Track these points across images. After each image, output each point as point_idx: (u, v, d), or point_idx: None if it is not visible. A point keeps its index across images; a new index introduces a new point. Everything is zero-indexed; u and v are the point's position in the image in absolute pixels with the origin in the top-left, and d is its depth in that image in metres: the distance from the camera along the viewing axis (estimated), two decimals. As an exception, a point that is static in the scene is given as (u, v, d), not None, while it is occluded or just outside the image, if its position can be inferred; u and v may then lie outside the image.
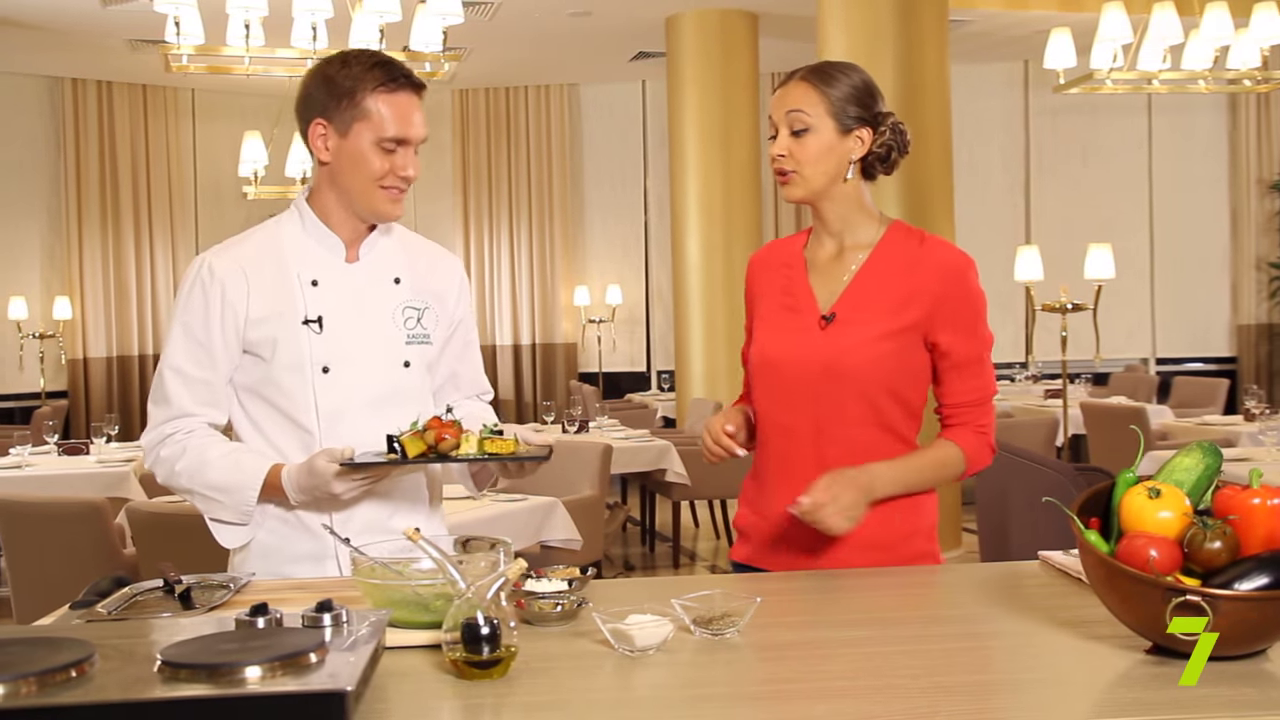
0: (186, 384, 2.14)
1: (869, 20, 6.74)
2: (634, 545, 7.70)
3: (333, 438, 2.10)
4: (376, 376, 2.14)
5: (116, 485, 5.73)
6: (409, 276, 2.21)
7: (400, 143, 2.08)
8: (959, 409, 2.15)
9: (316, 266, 2.15)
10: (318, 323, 2.12)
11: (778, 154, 2.11)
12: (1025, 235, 10.93)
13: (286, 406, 2.13)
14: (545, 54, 10.30)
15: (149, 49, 9.39)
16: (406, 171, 2.10)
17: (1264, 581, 1.39)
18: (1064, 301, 6.68)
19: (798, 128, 2.10)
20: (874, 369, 2.08)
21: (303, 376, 2.11)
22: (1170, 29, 6.96)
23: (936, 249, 2.13)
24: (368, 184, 2.09)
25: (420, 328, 2.20)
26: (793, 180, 2.12)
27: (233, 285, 2.12)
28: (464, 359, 2.33)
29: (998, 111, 11.10)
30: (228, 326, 2.12)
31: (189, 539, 3.95)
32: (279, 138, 9.41)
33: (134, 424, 10.45)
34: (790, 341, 2.13)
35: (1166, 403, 8.43)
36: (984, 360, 2.15)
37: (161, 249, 10.84)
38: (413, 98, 2.10)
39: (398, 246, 2.24)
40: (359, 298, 2.16)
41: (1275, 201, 10.86)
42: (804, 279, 2.17)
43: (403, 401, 2.15)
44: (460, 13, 6.20)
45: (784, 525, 2.10)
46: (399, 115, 2.07)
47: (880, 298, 2.10)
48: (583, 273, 11.48)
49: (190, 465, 2.12)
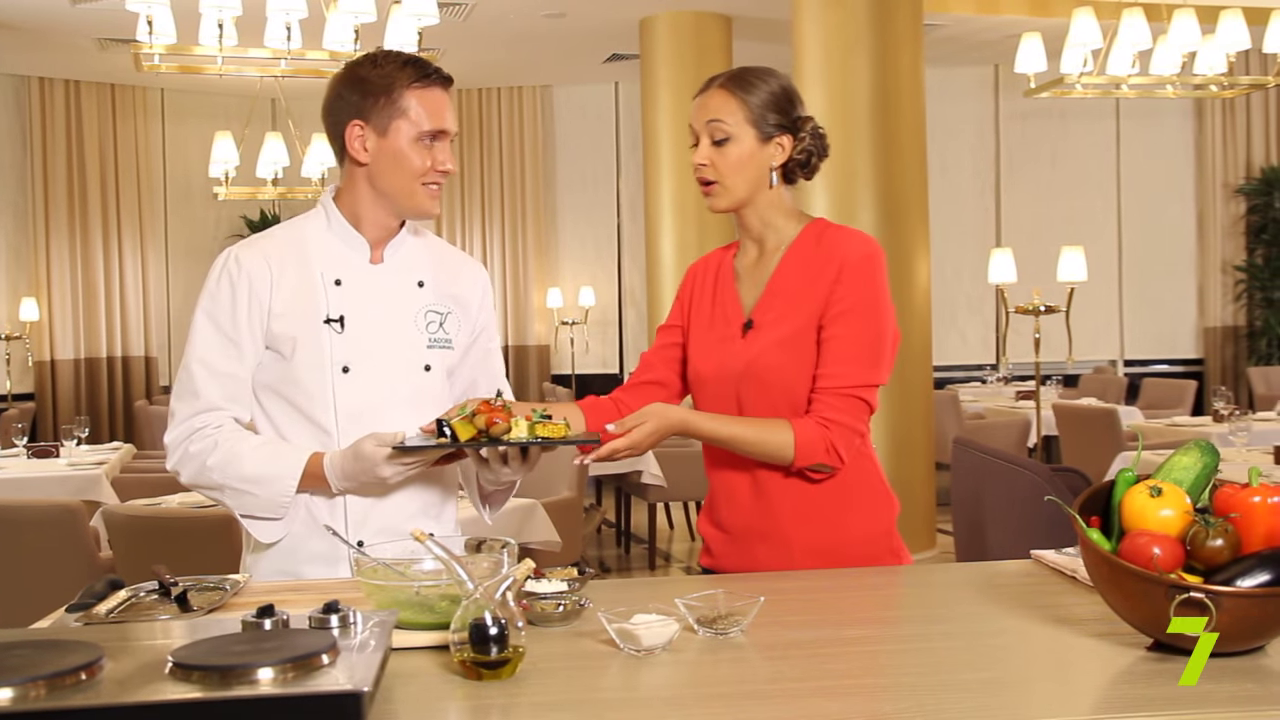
0: (215, 377, 2.11)
1: (844, 24, 6.77)
2: (609, 547, 7.69)
3: (350, 439, 2.08)
4: (397, 378, 2.14)
5: (88, 488, 5.67)
6: (433, 280, 2.21)
7: (437, 136, 2.10)
8: (817, 394, 2.05)
9: (340, 266, 2.15)
10: (339, 322, 2.11)
11: (699, 163, 2.11)
12: (996, 238, 11.02)
13: (305, 405, 2.11)
14: (519, 55, 10.29)
15: (118, 48, 9.31)
16: (445, 165, 2.11)
17: (1266, 578, 1.41)
18: (1037, 304, 6.74)
19: (718, 137, 2.10)
20: (788, 369, 2.07)
21: (322, 375, 2.10)
22: (1139, 34, 7.04)
23: (838, 237, 2.11)
24: (410, 181, 2.10)
25: (443, 332, 2.19)
26: (715, 191, 2.12)
27: (259, 278, 2.11)
28: (484, 366, 2.31)
29: (969, 115, 11.19)
30: (254, 320, 2.11)
31: (167, 542, 3.92)
32: (250, 138, 9.35)
33: (103, 427, 10.36)
34: (715, 352, 2.15)
35: (1135, 404, 8.52)
36: (854, 349, 2.04)
37: (130, 250, 10.74)
38: (445, 92, 2.13)
39: (423, 250, 2.24)
40: (382, 299, 2.15)
41: (1240, 205, 11.00)
42: (732, 287, 2.19)
43: (422, 405, 2.14)
44: (435, 13, 6.18)
45: (736, 534, 2.14)
46: (435, 109, 2.10)
47: (789, 298, 2.10)
48: (555, 274, 11.48)
49: (223, 459, 2.08)
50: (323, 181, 9.15)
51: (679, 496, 7.00)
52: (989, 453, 4.61)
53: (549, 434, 1.94)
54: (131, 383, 10.76)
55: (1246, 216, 10.98)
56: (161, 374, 11.03)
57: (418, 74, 2.09)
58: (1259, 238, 10.92)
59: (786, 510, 2.09)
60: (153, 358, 10.90)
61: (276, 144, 8.94)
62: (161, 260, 11.06)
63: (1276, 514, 1.45)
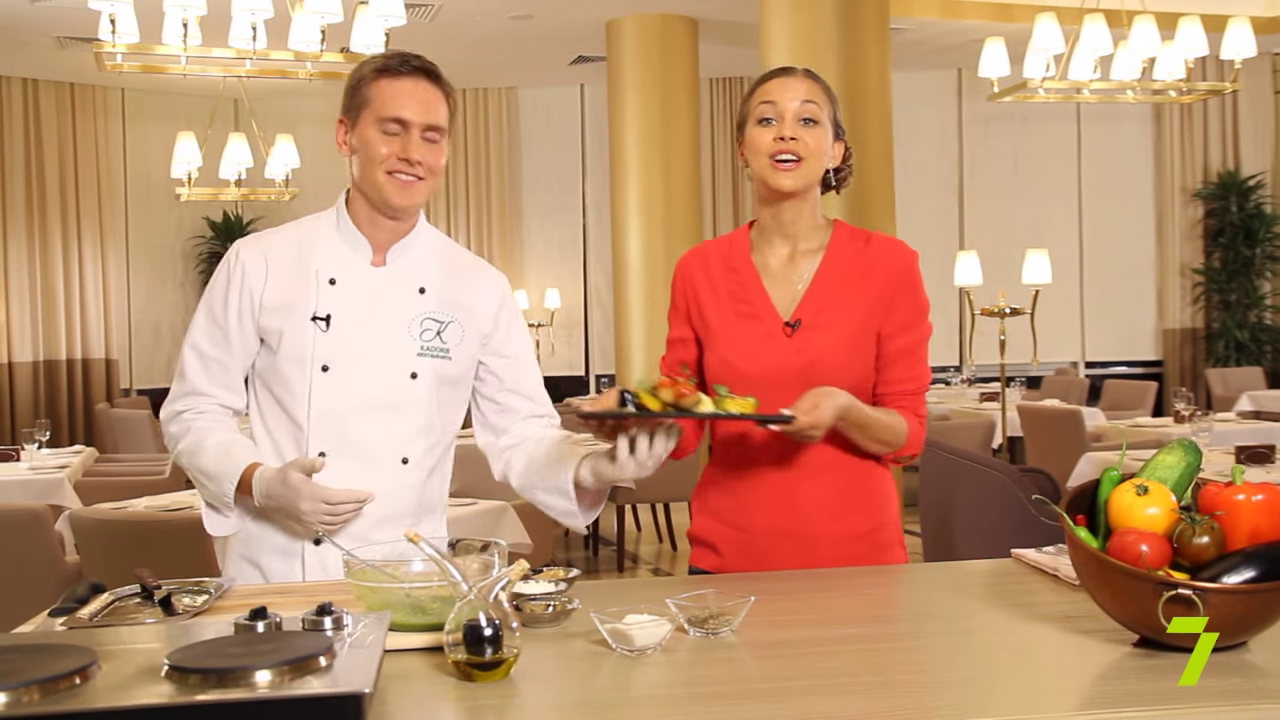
0: (203, 362, 2.18)
1: (811, 27, 6.81)
2: (577, 549, 7.68)
3: (322, 437, 2.11)
4: (378, 383, 2.12)
5: (50, 492, 5.59)
6: (437, 288, 2.19)
7: (400, 123, 2.08)
8: (898, 396, 2.16)
9: (339, 265, 2.16)
10: (325, 320, 2.12)
11: (789, 137, 2.08)
12: (959, 240, 11.11)
13: (285, 399, 2.14)
14: (484, 57, 10.26)
15: (78, 47, 9.19)
16: (409, 154, 2.08)
17: (1251, 575, 1.43)
18: (1002, 306, 6.80)
19: (808, 116, 2.10)
20: (851, 370, 2.10)
21: (302, 371, 2.11)
22: (1100, 40, 7.13)
23: (884, 246, 2.17)
24: (374, 170, 2.10)
25: (439, 341, 2.16)
26: (798, 168, 2.10)
27: (253, 270, 2.15)
28: (512, 377, 2.27)
29: (932, 119, 11.28)
30: (244, 310, 2.15)
31: (136, 545, 3.87)
32: (212, 139, 9.27)
33: (63, 430, 10.22)
34: (756, 350, 2.12)
35: (1097, 405, 8.62)
36: (923, 351, 2.18)
37: (90, 251, 10.61)
38: (418, 82, 2.10)
39: (434, 257, 2.23)
40: (375, 303, 2.15)
41: (1198, 209, 11.16)
42: (758, 284, 2.17)
43: (403, 414, 2.14)
44: (402, 14, 6.16)
45: (758, 534, 2.12)
46: (398, 96, 2.08)
47: (842, 301, 2.12)
48: (521, 276, 11.45)
49: (189, 446, 2.16)
50: (286, 183, 9.09)
51: (647, 499, 7.00)
52: (957, 454, 4.65)
53: (739, 408, 1.91)
54: (92, 385, 10.63)
55: (1204, 220, 11.14)
56: (122, 377, 10.90)
57: (385, 64, 2.11)
58: (1216, 241, 11.08)
59: (821, 505, 2.11)
60: (113, 360, 10.77)
61: (240, 145, 8.86)
62: (122, 262, 10.93)
63: (1260, 511, 1.48)
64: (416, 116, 2.09)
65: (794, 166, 2.10)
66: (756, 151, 2.12)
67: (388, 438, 2.13)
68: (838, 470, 2.13)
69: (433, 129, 2.11)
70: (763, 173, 2.12)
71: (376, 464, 2.12)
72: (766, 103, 2.12)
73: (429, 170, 2.12)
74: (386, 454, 2.14)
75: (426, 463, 2.18)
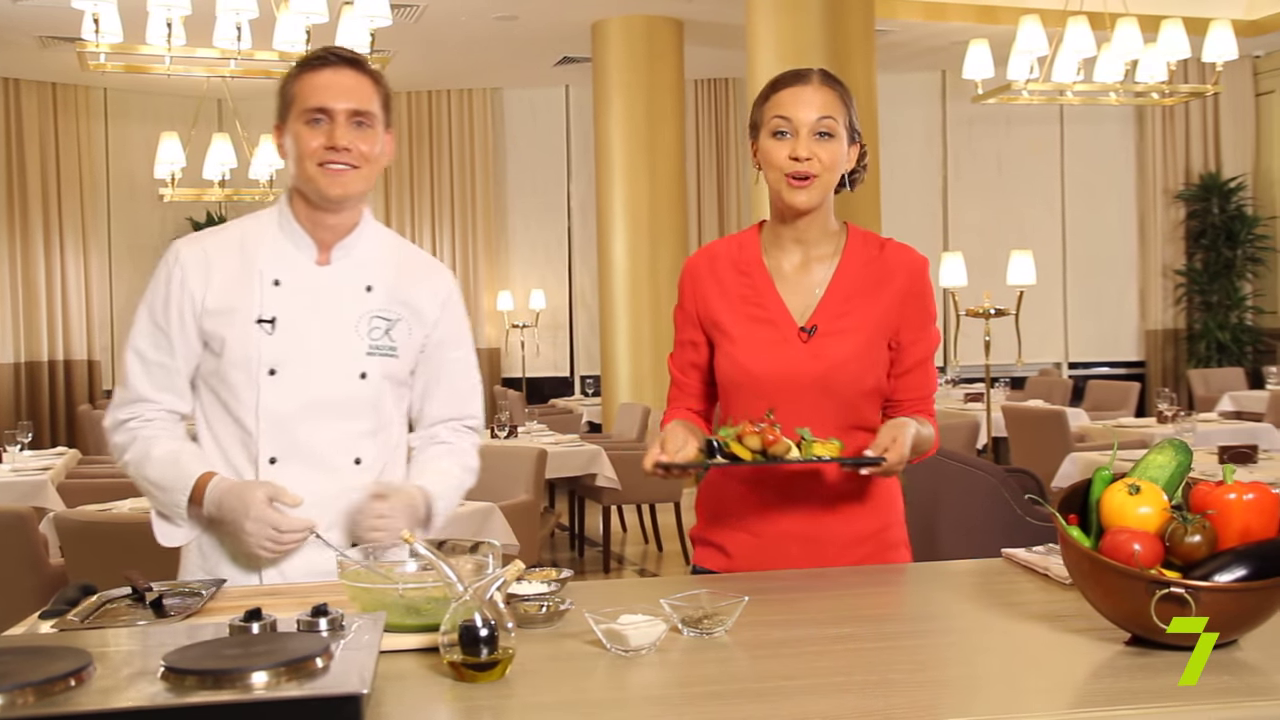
0: (145, 367, 2.13)
1: (797, 29, 6.83)
2: (562, 550, 7.68)
3: (271, 441, 2.08)
4: (326, 384, 2.10)
5: (33, 495, 5.56)
6: (385, 285, 2.16)
7: (324, 113, 2.05)
8: (913, 403, 2.20)
9: (283, 266, 2.12)
10: (271, 323, 2.08)
11: (805, 156, 2.07)
12: (943, 241, 11.15)
13: (231, 404, 2.11)
14: (469, 58, 10.25)
15: (60, 46, 9.15)
16: (335, 141, 2.04)
17: (1242, 573, 1.44)
18: (987, 307, 6.83)
19: (823, 131, 2.09)
20: (866, 377, 2.12)
21: (248, 375, 2.08)
22: (1084, 42, 7.17)
23: (898, 253, 2.19)
24: (306, 164, 2.06)
25: (388, 339, 2.13)
26: (813, 185, 2.09)
27: (194, 272, 2.11)
28: (440, 379, 2.24)
29: (916, 120, 11.31)
30: (185, 313, 2.11)
31: (121, 547, 3.85)
32: (196, 139, 9.23)
33: (45, 431, 10.16)
34: (772, 355, 2.11)
35: (1081, 405, 8.66)
36: (934, 358, 2.23)
37: (72, 252, 10.56)
38: (338, 71, 2.07)
39: (381, 254, 2.19)
40: (321, 302, 2.11)
41: (1180, 211, 11.23)
42: (771, 288, 2.16)
43: (353, 412, 2.11)
44: (388, 15, 6.14)
45: (769, 537, 2.12)
46: (315, 88, 2.06)
47: (858, 308, 2.13)
48: (506, 277, 11.44)
49: (136, 457, 2.12)
50: (270, 183, 9.06)
51: (633, 499, 7.00)
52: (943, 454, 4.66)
53: (825, 452, 1.93)
54: (74, 387, 10.57)
55: (1186, 222, 11.20)
56: (104, 378, 10.84)
57: (309, 60, 2.09)
58: (1198, 243, 11.15)
59: (830, 507, 2.12)
60: (95, 361, 10.72)
61: (224, 145, 8.83)
62: (104, 262, 10.88)
63: (1251, 511, 1.49)
64: (339, 103, 2.05)
65: (808, 184, 2.09)
66: (771, 165, 2.11)
67: (339, 439, 2.11)
68: (849, 475, 2.13)
69: (359, 114, 2.07)
70: (777, 187, 2.12)
71: (329, 466, 2.10)
72: (781, 117, 2.09)
73: (361, 157, 2.07)
74: (339, 456, 2.11)
75: (378, 463, 2.16)
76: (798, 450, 1.93)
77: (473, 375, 2.31)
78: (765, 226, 2.23)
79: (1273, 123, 11.10)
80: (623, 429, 8.22)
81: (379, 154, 2.11)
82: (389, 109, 2.14)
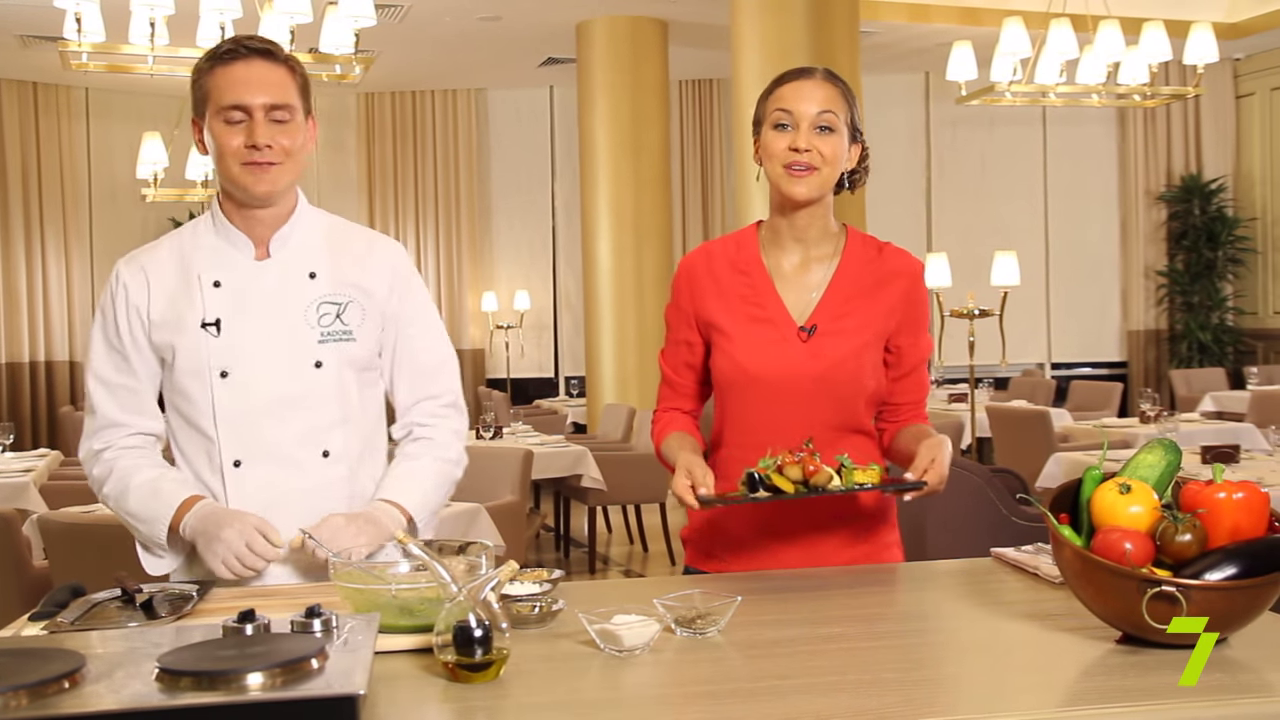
0: (110, 391, 2.12)
1: (782, 30, 6.84)
2: (547, 551, 7.67)
3: (233, 443, 2.06)
4: (280, 379, 2.06)
5: (15, 496, 5.52)
6: (329, 269, 2.11)
7: (241, 110, 2.01)
8: (906, 406, 2.22)
9: (221, 267, 2.09)
10: (215, 325, 2.06)
11: (804, 147, 2.07)
12: (927, 242, 11.19)
13: (189, 412, 2.09)
14: (453, 58, 10.24)
15: (42, 45, 9.09)
16: (255, 139, 1.99)
17: (1232, 571, 1.46)
18: (972, 308, 6.86)
19: (824, 124, 2.09)
20: (863, 377, 2.13)
21: (201, 381, 2.06)
22: (1066, 45, 7.21)
23: (896, 257, 2.20)
24: (230, 163, 2.03)
25: (340, 324, 2.09)
26: (813, 177, 2.09)
27: (135, 289, 2.10)
28: (400, 361, 2.18)
29: (900, 121, 11.35)
30: (135, 330, 2.09)
31: (106, 549, 3.83)
32: (179, 139, 9.19)
33: (26, 433, 10.10)
34: (772, 354, 2.11)
35: (1064, 406, 8.69)
36: (927, 362, 2.25)
37: (54, 252, 10.50)
38: (251, 65, 2.01)
39: (320, 239, 2.14)
40: (265, 297, 2.08)
41: (1161, 212, 11.29)
42: (770, 288, 2.16)
43: (314, 404, 2.08)
44: (373, 15, 6.12)
45: (771, 538, 2.13)
46: (233, 83, 2.01)
47: (858, 309, 2.14)
48: (490, 278, 11.43)
49: (114, 490, 2.10)
50: (254, 183, 9.02)
51: (618, 500, 7.00)
52: (929, 454, 4.67)
53: (866, 478, 1.93)
54: (55, 388, 10.51)
55: (1167, 223, 11.27)
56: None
57: (219, 52, 2.04)
58: (1179, 244, 11.21)
59: (826, 507, 2.12)
60: (77, 362, 10.65)
61: (207, 145, 8.79)
62: (86, 262, 10.82)
63: (1241, 509, 1.50)
64: (256, 99, 2.00)
65: (808, 174, 2.09)
66: (771, 156, 2.11)
67: (303, 433, 2.07)
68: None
69: (278, 108, 2.02)
70: (777, 178, 2.12)
71: (296, 462, 2.07)
72: (782, 109, 2.10)
73: (282, 153, 2.02)
74: (304, 450, 2.08)
75: (350, 454, 2.12)
76: (838, 478, 1.92)
77: (438, 349, 2.23)
78: (763, 225, 2.23)
79: (1253, 124, 11.18)
80: (608, 430, 8.22)
81: (301, 145, 2.07)
82: (308, 96, 2.09)
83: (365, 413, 2.16)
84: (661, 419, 2.28)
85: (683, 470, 2.00)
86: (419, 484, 2.16)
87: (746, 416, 2.15)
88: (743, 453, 2.16)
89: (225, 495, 2.07)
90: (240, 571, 1.98)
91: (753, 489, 1.91)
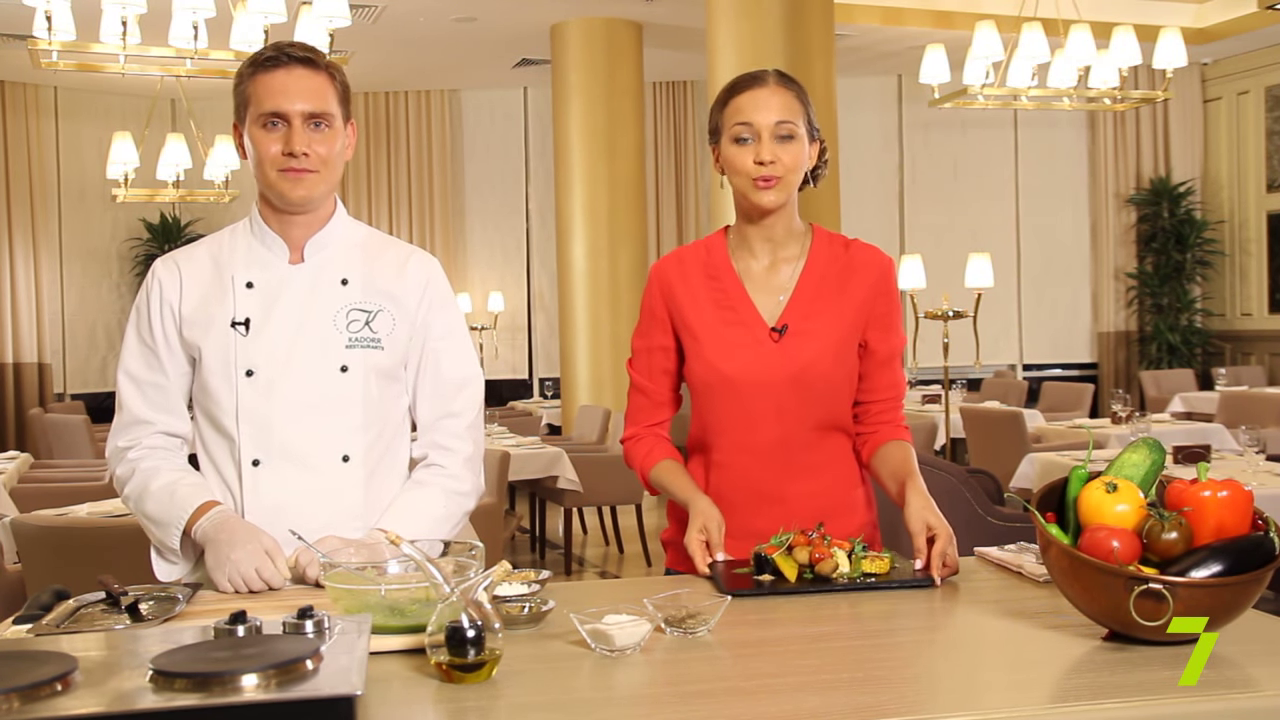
0: (139, 388, 2.14)
1: (757, 33, 6.86)
2: (523, 553, 7.66)
3: (253, 442, 2.07)
4: (306, 382, 2.08)
5: (-14, 499, 5.46)
6: (361, 277, 2.14)
7: (280, 117, 2.03)
8: (881, 404, 2.23)
9: (256, 268, 2.12)
10: (245, 325, 2.08)
11: (768, 160, 2.10)
12: (900, 245, 11.25)
13: (214, 411, 2.10)
14: (427, 59, 10.21)
15: (11, 44, 9.01)
16: (292, 147, 2.02)
17: (1218, 569, 1.47)
18: (946, 309, 6.90)
19: (784, 134, 2.11)
20: (837, 376, 2.14)
21: (227, 380, 2.08)
22: (1038, 48, 7.28)
23: (864, 253, 2.21)
24: (267, 169, 2.06)
25: (369, 331, 2.11)
26: (778, 186, 2.12)
27: (169, 285, 2.13)
28: (425, 373, 2.18)
29: (874, 124, 11.41)
30: (168, 327, 2.11)
31: (82, 552, 3.80)
32: (150, 139, 9.12)
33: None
34: (745, 357, 2.13)
35: (1036, 407, 8.76)
36: (900, 357, 2.25)
37: (22, 252, 10.39)
38: (291, 72, 2.04)
39: (355, 247, 2.18)
40: (297, 300, 2.10)
41: (1131, 215, 11.40)
42: (741, 291, 2.17)
43: (336, 409, 2.09)
44: (347, 15, 6.10)
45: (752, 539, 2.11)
46: (269, 91, 2.03)
47: (827, 308, 2.15)
48: (464, 280, 11.40)
49: (135, 491, 2.11)
50: (226, 184, 8.97)
51: (594, 501, 7.00)
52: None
53: (875, 567, 1.91)
54: (24, 390, 10.40)
55: (1137, 225, 11.38)
56: (55, 381, 10.68)
57: (261, 59, 2.06)
58: (1149, 246, 11.33)
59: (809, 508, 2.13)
60: (46, 364, 10.55)
61: (178, 145, 8.74)
62: (55, 263, 10.71)
63: (1226, 508, 1.52)
64: (295, 106, 2.03)
65: (773, 184, 2.12)
66: (735, 171, 2.13)
67: (323, 437, 2.08)
68: (824, 473, 2.18)
69: (316, 117, 2.04)
70: (744, 190, 2.14)
71: (314, 465, 2.08)
72: (742, 123, 2.11)
73: (319, 161, 2.05)
74: (324, 453, 2.08)
75: (370, 460, 2.12)
76: (847, 563, 1.91)
77: (464, 367, 2.22)
78: (731, 230, 2.25)
79: (1220, 128, 11.31)
80: (583, 431, 8.22)
81: (339, 152, 2.10)
82: (347, 102, 2.12)
83: (387, 422, 2.16)
84: (643, 440, 2.27)
85: (698, 525, 2.04)
86: (423, 516, 2.13)
87: (724, 419, 2.16)
88: (721, 455, 2.18)
89: (241, 493, 2.07)
90: (244, 590, 1.97)
91: (759, 569, 1.92)
